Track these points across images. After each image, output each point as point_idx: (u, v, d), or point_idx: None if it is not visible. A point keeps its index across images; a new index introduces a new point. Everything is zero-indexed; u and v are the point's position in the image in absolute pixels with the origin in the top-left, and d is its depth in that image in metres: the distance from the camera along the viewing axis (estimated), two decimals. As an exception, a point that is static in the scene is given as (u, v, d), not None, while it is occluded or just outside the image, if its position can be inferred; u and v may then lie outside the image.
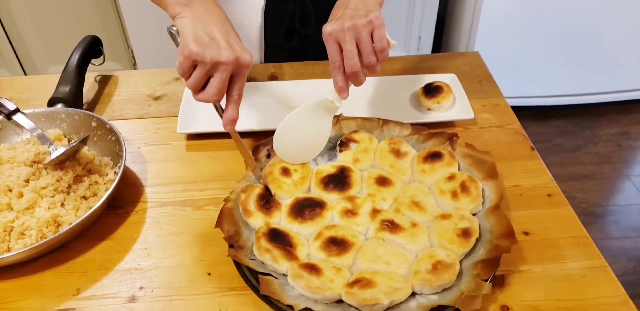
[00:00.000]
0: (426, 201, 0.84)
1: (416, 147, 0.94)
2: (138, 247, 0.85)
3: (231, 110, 0.82)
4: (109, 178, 0.94)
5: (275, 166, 0.89)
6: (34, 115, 1.00)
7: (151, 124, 1.10)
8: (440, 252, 0.75)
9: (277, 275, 0.76)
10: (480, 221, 0.80)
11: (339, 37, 0.84)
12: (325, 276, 0.73)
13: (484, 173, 0.86)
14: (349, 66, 0.84)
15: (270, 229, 0.79)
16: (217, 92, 0.79)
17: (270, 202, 0.85)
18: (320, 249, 0.78)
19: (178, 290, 0.78)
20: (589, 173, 2.27)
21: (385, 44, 0.84)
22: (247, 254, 0.77)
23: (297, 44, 1.26)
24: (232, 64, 0.78)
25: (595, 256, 0.81)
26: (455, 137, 0.92)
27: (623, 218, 2.06)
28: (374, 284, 0.71)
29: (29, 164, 0.92)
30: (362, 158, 0.92)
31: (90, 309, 0.76)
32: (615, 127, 2.53)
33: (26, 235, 0.82)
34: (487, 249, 0.75)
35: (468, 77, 1.20)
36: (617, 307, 0.74)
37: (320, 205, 0.84)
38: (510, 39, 2.29)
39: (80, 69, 1.12)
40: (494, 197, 0.82)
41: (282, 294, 0.72)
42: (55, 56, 2.51)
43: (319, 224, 0.82)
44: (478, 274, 0.72)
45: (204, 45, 0.77)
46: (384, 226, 0.80)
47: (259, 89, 1.15)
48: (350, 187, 0.87)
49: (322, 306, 0.71)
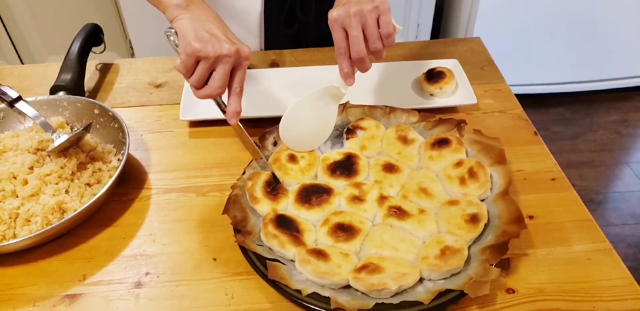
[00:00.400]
0: (434, 188, 0.84)
1: (423, 134, 0.94)
2: (143, 233, 0.85)
3: (234, 103, 0.82)
4: (112, 165, 0.93)
5: (282, 152, 0.89)
6: (36, 103, 1.00)
7: (153, 111, 1.09)
8: (448, 238, 0.75)
9: (284, 260, 0.76)
10: (489, 207, 0.80)
11: (345, 23, 0.83)
12: (332, 262, 0.73)
13: (492, 159, 0.86)
14: (355, 51, 0.84)
15: (277, 216, 0.79)
16: (222, 84, 0.79)
17: (277, 189, 0.85)
18: (328, 235, 0.78)
19: (184, 276, 0.79)
20: (588, 160, 2.28)
21: (391, 29, 0.83)
22: (255, 240, 0.78)
23: (297, 31, 1.26)
24: (234, 56, 0.78)
25: (600, 239, 0.81)
26: (463, 123, 0.92)
27: (623, 204, 2.07)
28: (381, 269, 0.72)
29: (32, 151, 0.92)
30: (369, 145, 0.92)
31: (97, 294, 0.76)
32: (614, 114, 2.53)
33: (32, 222, 0.82)
34: (495, 234, 0.75)
35: (470, 62, 1.20)
36: (623, 289, 0.74)
37: (327, 191, 0.84)
38: (509, 27, 2.28)
39: (81, 57, 1.12)
40: (502, 182, 0.82)
41: (290, 279, 0.72)
42: (53, 47, 2.50)
43: (326, 211, 0.82)
44: (486, 259, 0.72)
45: (205, 41, 0.77)
46: (392, 212, 0.80)
47: (260, 76, 1.15)
48: (357, 174, 0.87)
49: (330, 291, 0.71)
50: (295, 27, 1.25)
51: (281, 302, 0.74)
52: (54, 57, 2.53)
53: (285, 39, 1.28)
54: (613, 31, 2.34)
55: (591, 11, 2.26)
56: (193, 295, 0.76)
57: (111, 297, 0.76)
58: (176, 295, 0.76)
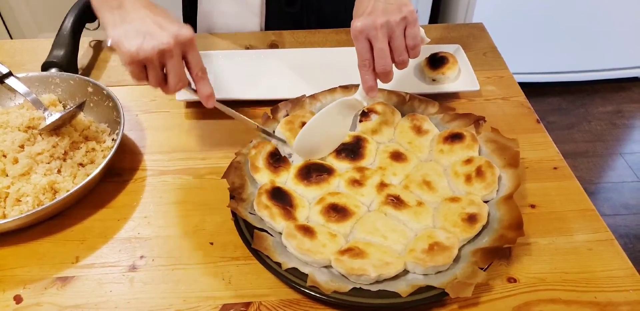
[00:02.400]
0: (438, 182, 0.82)
1: (440, 127, 0.92)
2: (138, 215, 0.83)
3: (202, 87, 0.79)
4: (106, 145, 0.91)
5: (297, 118, 0.88)
6: (27, 79, 0.96)
7: (149, 91, 1.06)
8: (441, 234, 0.74)
9: (272, 232, 0.75)
10: (491, 209, 0.77)
11: (371, 35, 0.79)
12: (318, 240, 0.72)
13: (505, 161, 0.83)
14: (380, 65, 0.81)
15: (273, 187, 0.78)
16: (179, 78, 0.75)
17: (280, 161, 0.83)
18: (320, 214, 0.77)
19: (180, 259, 0.77)
20: (582, 150, 2.28)
21: (418, 42, 0.81)
22: (247, 208, 0.77)
23: (299, 10, 1.23)
24: (175, 46, 0.73)
25: (602, 229, 0.81)
26: (482, 120, 0.89)
27: (615, 195, 2.08)
28: (365, 255, 0.70)
29: (23, 129, 0.89)
30: (381, 130, 0.90)
31: (90, 277, 0.74)
32: (608, 105, 2.52)
33: (22, 202, 0.80)
34: (491, 238, 0.73)
35: (472, 48, 1.18)
36: (624, 280, 0.74)
37: (328, 171, 0.83)
38: (506, 15, 2.26)
39: (74, 33, 1.08)
40: (510, 185, 0.79)
41: (274, 251, 0.72)
42: (44, 23, 2.45)
43: (324, 189, 0.81)
44: (476, 261, 0.70)
45: (139, 44, 0.71)
46: (389, 200, 0.79)
47: (259, 57, 1.12)
48: (363, 158, 0.86)
49: (310, 268, 0.71)
50: (297, 5, 1.22)
51: (279, 288, 0.73)
52: (46, 34, 2.48)
53: (287, 18, 1.25)
54: (610, 22, 2.32)
55: (588, 1, 2.24)
56: (189, 279, 0.74)
57: (105, 280, 0.74)
58: (172, 279, 0.74)
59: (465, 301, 0.71)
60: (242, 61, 1.11)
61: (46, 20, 2.45)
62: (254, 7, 1.19)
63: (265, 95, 1.02)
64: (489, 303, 0.71)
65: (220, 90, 1.02)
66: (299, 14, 1.24)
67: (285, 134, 0.87)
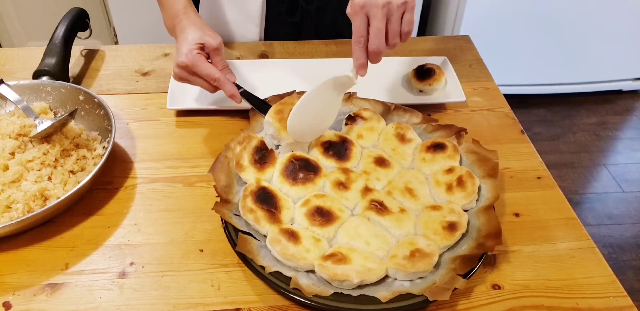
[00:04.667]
0: (420, 190, 0.84)
1: (422, 137, 0.93)
2: (127, 223, 0.84)
3: (228, 88, 0.94)
4: (97, 153, 0.92)
5: (287, 106, 0.87)
6: (18, 87, 0.97)
7: (139, 99, 1.08)
8: (422, 241, 0.75)
9: (257, 235, 0.76)
10: (471, 218, 0.79)
11: (371, 13, 0.81)
12: (302, 245, 0.73)
13: (484, 171, 0.85)
14: (374, 44, 0.82)
15: (259, 189, 0.79)
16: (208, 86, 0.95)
17: (266, 157, 0.84)
18: (305, 217, 0.78)
19: (169, 266, 0.77)
20: (567, 161, 2.31)
21: (412, 28, 0.82)
22: (232, 210, 0.78)
23: (299, 20, 1.25)
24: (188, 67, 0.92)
25: (584, 237, 0.82)
26: (463, 132, 0.91)
27: (599, 205, 2.11)
28: (348, 260, 0.72)
29: (14, 136, 0.90)
30: (366, 135, 0.91)
31: (79, 284, 0.75)
32: (593, 117, 2.57)
33: (12, 209, 0.80)
34: (470, 246, 0.75)
35: (458, 60, 1.20)
36: (605, 287, 0.75)
37: (314, 170, 0.84)
38: (493, 27, 2.30)
39: (66, 41, 1.09)
40: (490, 196, 0.81)
41: (257, 255, 0.73)
42: (33, 32, 2.45)
43: (309, 190, 0.82)
44: (455, 268, 0.72)
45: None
46: (372, 205, 0.80)
47: (249, 67, 1.14)
48: (348, 159, 0.87)
49: (294, 272, 0.72)
50: (297, 15, 1.25)
51: (268, 294, 0.74)
52: (34, 42, 2.48)
53: (286, 29, 1.27)
54: (595, 35, 2.37)
55: (575, 15, 2.28)
56: (179, 286, 0.75)
57: (94, 287, 0.74)
58: (161, 286, 0.75)
59: (450, 307, 0.73)
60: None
61: (35, 28, 2.45)
62: (254, 18, 1.21)
63: (235, 104, 1.03)
64: (474, 309, 0.73)
65: (210, 99, 1.04)
66: (297, 25, 1.26)
67: (275, 125, 0.85)
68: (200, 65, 0.92)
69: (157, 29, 1.19)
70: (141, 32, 2.22)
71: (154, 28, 2.29)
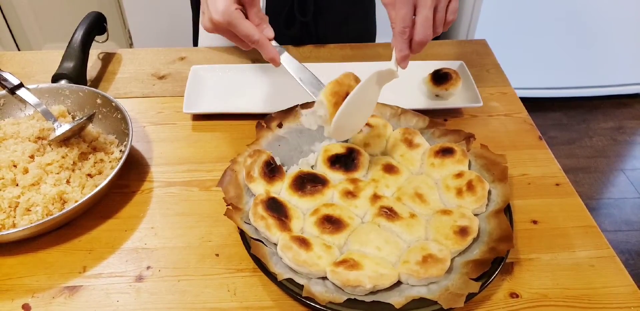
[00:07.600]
0: (430, 195, 0.83)
1: (430, 142, 0.93)
2: (144, 226, 0.84)
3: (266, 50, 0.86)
4: (114, 156, 0.92)
5: (343, 87, 0.83)
6: (37, 90, 0.98)
7: (156, 103, 1.08)
8: (434, 246, 0.75)
9: (267, 243, 0.76)
10: (481, 222, 0.79)
11: (420, 1, 0.77)
12: (314, 252, 0.73)
13: (494, 176, 0.85)
14: (421, 34, 0.78)
15: (269, 198, 0.79)
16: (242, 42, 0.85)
17: (275, 171, 0.84)
18: (315, 225, 0.78)
19: (185, 270, 0.78)
20: (584, 166, 2.29)
21: (455, 17, 0.80)
22: (243, 218, 0.78)
23: (298, 31, 1.25)
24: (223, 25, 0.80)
25: (604, 245, 0.81)
26: (472, 137, 0.90)
27: (616, 211, 2.08)
28: (360, 266, 0.71)
29: (33, 140, 0.90)
30: (373, 143, 0.91)
31: (97, 287, 0.75)
32: (610, 121, 2.54)
33: (32, 211, 0.80)
34: (482, 250, 0.75)
35: (475, 65, 1.20)
36: (626, 297, 0.74)
37: (322, 182, 0.84)
38: (508, 30, 2.29)
39: (84, 45, 1.10)
40: (500, 200, 0.81)
41: (269, 261, 0.72)
42: (51, 34, 2.47)
43: (318, 201, 0.82)
44: (467, 273, 0.71)
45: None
46: (382, 212, 0.79)
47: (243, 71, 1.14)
48: (357, 169, 0.86)
49: (306, 280, 0.72)
50: (295, 28, 1.24)
51: (284, 300, 0.73)
52: (51, 44, 2.51)
53: (285, 41, 1.27)
54: (613, 38, 2.35)
55: (591, 18, 2.27)
56: (195, 290, 0.75)
57: (111, 290, 0.75)
58: (178, 290, 0.75)
59: (468, 315, 0.72)
60: (225, 75, 1.13)
61: (52, 30, 2.47)
62: None
63: (251, 108, 1.04)
64: (492, 317, 0.72)
65: (226, 103, 1.04)
66: (297, 37, 1.26)
67: (329, 109, 0.80)
68: (239, 25, 0.81)
69: (172, 32, 1.19)
70: (156, 35, 2.24)
71: (168, 31, 2.32)
